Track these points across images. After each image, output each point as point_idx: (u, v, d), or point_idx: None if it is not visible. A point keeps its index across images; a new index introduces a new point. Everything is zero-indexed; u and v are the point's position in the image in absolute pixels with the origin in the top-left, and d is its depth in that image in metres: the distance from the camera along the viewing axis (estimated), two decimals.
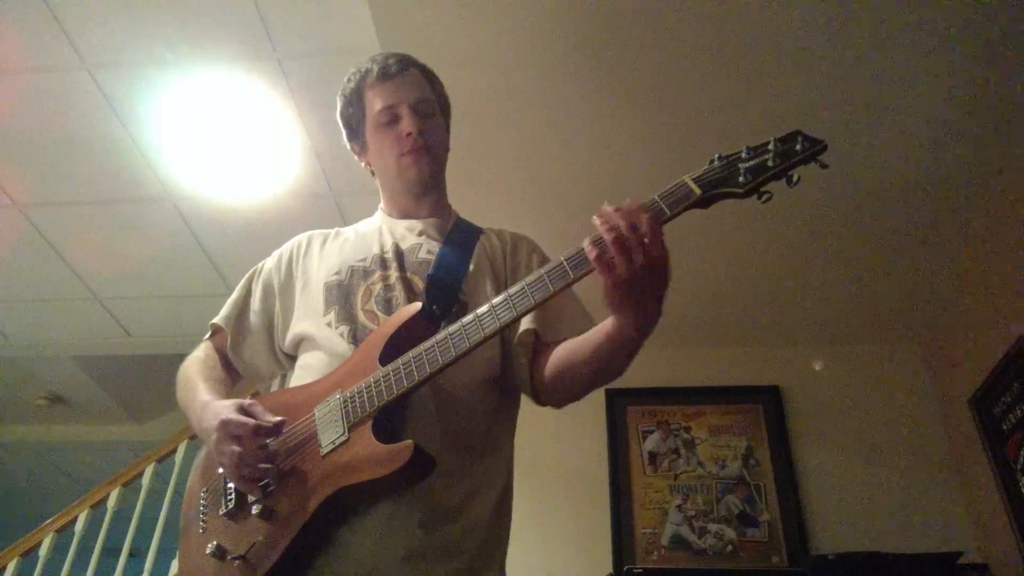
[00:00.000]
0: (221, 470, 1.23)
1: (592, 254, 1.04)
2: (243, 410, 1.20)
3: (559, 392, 1.29)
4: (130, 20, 2.76)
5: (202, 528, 1.25)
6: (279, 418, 1.19)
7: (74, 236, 3.73)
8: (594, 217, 1.05)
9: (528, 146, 2.79)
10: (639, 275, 1.02)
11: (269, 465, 1.17)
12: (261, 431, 1.16)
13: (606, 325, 1.16)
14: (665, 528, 3.23)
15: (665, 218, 1.05)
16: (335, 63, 2.65)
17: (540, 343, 1.32)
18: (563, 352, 1.27)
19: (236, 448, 1.15)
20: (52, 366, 4.70)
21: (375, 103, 1.49)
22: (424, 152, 1.47)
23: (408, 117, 1.46)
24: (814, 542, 3.13)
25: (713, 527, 3.21)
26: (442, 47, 2.45)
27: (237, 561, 1.14)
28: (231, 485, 1.22)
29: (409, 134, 1.45)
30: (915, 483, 3.24)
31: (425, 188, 1.51)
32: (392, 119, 1.47)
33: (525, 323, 1.31)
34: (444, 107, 1.58)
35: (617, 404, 3.51)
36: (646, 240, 1.02)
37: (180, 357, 1.49)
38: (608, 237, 1.02)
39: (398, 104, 1.47)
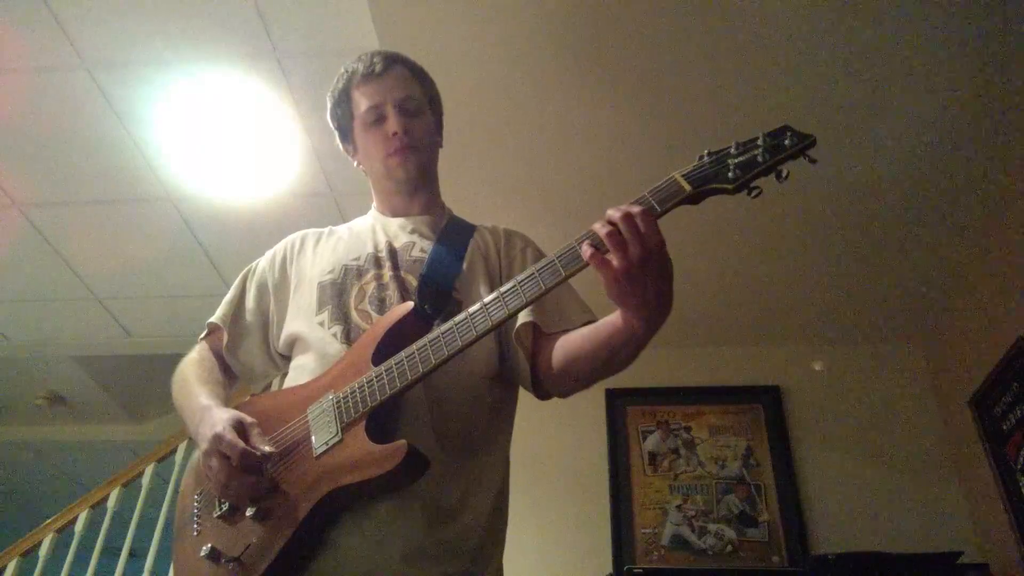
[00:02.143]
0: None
1: (587, 252, 1.04)
2: (239, 427, 1.16)
3: (565, 382, 1.28)
4: (130, 20, 2.76)
5: (196, 531, 1.24)
6: (269, 449, 1.15)
7: (74, 236, 3.72)
8: (595, 223, 1.05)
9: (527, 144, 2.79)
10: (636, 267, 1.02)
11: (257, 477, 1.15)
12: (247, 459, 1.12)
13: (613, 318, 1.15)
14: (665, 528, 3.23)
15: (655, 215, 1.05)
16: (335, 63, 2.63)
17: (540, 334, 1.32)
18: (569, 344, 1.26)
19: (222, 466, 1.14)
20: (52, 366, 4.69)
21: (361, 103, 1.48)
22: (410, 151, 1.46)
23: (393, 116, 1.45)
24: (814, 542, 3.13)
25: (713, 527, 3.21)
26: (442, 47, 2.46)
27: (232, 564, 1.13)
28: None
29: (395, 134, 1.44)
30: (915, 483, 3.24)
31: (414, 187, 1.50)
32: (378, 119, 1.46)
33: (523, 316, 1.29)
34: (434, 104, 1.56)
35: (617, 404, 3.51)
36: (641, 229, 1.02)
37: (180, 357, 1.48)
38: (603, 232, 1.03)
39: (383, 103, 1.46)
